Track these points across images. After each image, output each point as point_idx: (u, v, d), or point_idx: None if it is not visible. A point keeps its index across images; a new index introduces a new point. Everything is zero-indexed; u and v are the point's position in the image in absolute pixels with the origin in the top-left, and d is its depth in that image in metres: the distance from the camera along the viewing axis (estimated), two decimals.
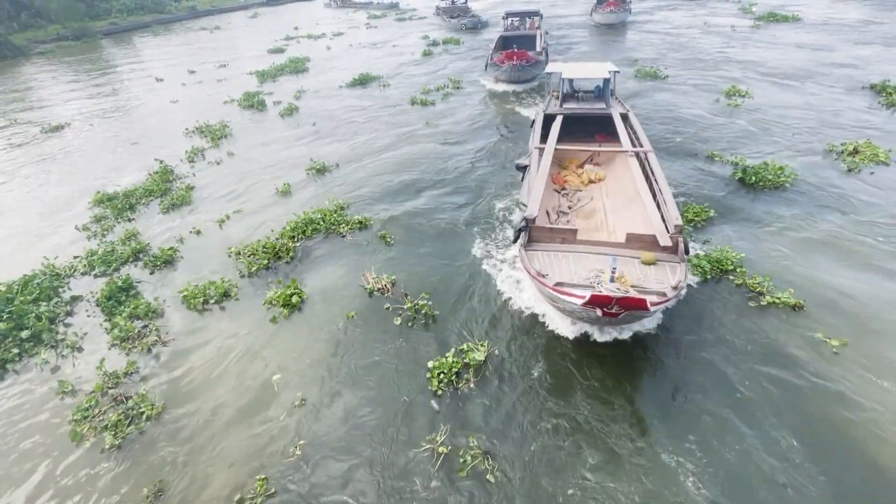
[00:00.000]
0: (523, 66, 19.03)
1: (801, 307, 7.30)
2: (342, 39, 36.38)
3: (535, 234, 7.34)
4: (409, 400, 6.42)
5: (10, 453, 6.24)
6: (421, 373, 6.77)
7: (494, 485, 5.32)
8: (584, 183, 10.45)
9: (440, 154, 14.32)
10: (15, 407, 6.95)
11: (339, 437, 6.04)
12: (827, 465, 5.25)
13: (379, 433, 6.03)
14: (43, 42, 44.46)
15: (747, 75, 18.79)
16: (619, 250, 6.98)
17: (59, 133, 19.63)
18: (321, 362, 7.18)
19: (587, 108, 12.03)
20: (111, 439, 6.16)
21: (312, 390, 6.72)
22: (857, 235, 8.97)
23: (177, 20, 58.63)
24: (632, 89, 18.22)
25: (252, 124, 18.69)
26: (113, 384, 7.03)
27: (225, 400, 6.74)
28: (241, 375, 7.12)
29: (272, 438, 6.10)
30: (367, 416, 6.27)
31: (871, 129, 13.25)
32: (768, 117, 14.75)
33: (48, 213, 12.82)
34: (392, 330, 7.64)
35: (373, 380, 6.81)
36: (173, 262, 10.10)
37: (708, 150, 12.84)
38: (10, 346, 7.85)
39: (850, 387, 6.07)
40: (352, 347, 7.41)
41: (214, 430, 6.31)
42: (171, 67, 30.68)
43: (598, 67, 12.69)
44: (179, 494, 5.57)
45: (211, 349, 7.69)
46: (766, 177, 10.84)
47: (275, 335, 7.83)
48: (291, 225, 10.53)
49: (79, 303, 9.04)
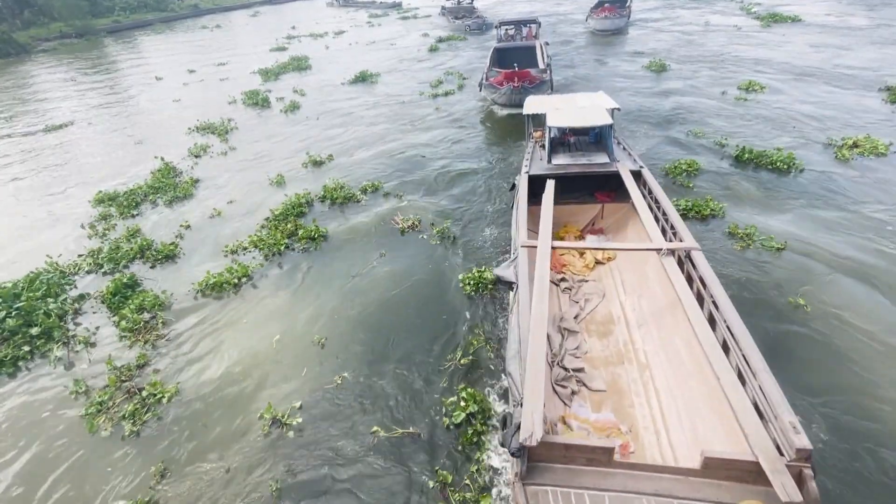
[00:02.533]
0: (525, 87, 16.10)
1: (783, 248, 8.58)
2: (345, 38, 36.43)
3: (539, 453, 3.97)
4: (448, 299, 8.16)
5: (30, 447, 6.29)
6: (454, 278, 8.59)
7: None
8: (588, 267, 8.02)
9: (451, 137, 15.48)
10: (31, 403, 7.00)
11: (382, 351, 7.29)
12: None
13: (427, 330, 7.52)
14: (46, 40, 44.55)
15: (756, 72, 18.86)
16: (689, 483, 3.77)
17: (63, 131, 19.69)
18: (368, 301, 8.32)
19: (585, 164, 8.72)
20: (130, 427, 6.30)
21: (348, 327, 7.78)
22: (837, 210, 9.82)
23: (179, 18, 58.68)
24: (639, 84, 18.32)
25: (256, 121, 18.76)
26: (127, 377, 7.11)
27: (261, 350, 7.39)
28: (285, 335, 7.79)
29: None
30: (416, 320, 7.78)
31: (887, 126, 13.22)
32: (775, 113, 14.90)
33: (51, 213, 12.85)
34: (426, 249, 9.61)
35: (413, 290, 8.47)
36: (174, 257, 10.26)
37: (708, 133, 13.76)
38: (21, 344, 7.90)
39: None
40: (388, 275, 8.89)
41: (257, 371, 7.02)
42: (175, 66, 30.74)
43: (594, 109, 9.18)
44: (214, 442, 6.02)
45: (236, 322, 8.10)
46: (761, 156, 11.79)
47: (311, 288, 8.83)
48: (316, 194, 12.07)
49: (86, 300, 9.09)
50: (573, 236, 8.74)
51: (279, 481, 5.43)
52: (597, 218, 8.96)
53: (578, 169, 8.61)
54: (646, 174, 8.18)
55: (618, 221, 8.78)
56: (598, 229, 8.88)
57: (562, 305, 7.29)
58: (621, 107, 9.56)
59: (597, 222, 8.95)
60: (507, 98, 16.49)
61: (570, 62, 23.40)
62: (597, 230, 8.88)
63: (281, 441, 5.93)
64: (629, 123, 15.10)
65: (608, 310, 7.11)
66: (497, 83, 16.88)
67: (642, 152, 12.70)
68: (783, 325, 6.91)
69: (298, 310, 8.26)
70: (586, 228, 8.95)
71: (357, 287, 8.69)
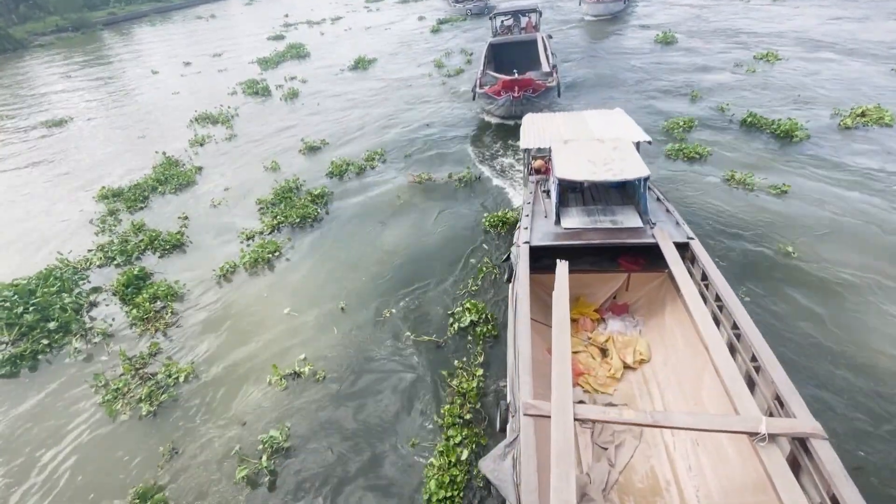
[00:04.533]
0: (529, 97, 13.25)
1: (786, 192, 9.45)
2: (343, 23, 36.02)
3: None
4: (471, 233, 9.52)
5: (56, 437, 6.51)
6: (476, 216, 9.98)
7: None
8: (612, 377, 5.67)
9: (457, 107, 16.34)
10: (53, 394, 7.20)
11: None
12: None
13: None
14: (42, 34, 44.28)
15: (766, 45, 18.63)
16: None
17: (63, 127, 19.74)
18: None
19: (608, 229, 6.24)
20: (147, 407, 6.58)
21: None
22: (828, 170, 10.22)
23: (174, 8, 58.11)
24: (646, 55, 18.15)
25: (257, 109, 18.73)
26: (141, 364, 7.34)
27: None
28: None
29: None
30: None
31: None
32: (783, 83, 14.91)
33: (57, 210, 12.96)
34: (448, 194, 11.08)
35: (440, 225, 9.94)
36: (182, 246, 10.49)
37: (713, 100, 14.33)
38: (39, 338, 8.08)
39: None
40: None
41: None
42: (172, 58, 30.58)
43: (620, 148, 6.64)
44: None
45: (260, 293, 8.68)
46: (763, 121, 12.19)
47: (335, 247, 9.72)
48: (332, 167, 12.85)
49: (99, 293, 9.25)
50: (589, 319, 6.49)
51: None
52: (620, 290, 6.62)
53: (600, 238, 6.10)
54: (695, 248, 5.67)
55: (650, 296, 6.42)
56: (622, 306, 6.61)
57: (582, 459, 4.77)
58: (646, 136, 7.29)
59: (620, 295, 6.65)
60: (507, 110, 13.89)
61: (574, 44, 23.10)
62: (620, 307, 6.61)
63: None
64: (630, 94, 15.42)
65: (650, 466, 4.64)
66: (494, 93, 13.67)
67: (648, 111, 13.51)
68: (770, 269, 7.68)
69: (339, 256, 9.40)
70: (605, 305, 6.68)
71: (381, 236, 9.82)
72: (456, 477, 5.01)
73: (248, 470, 5.50)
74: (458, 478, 5.01)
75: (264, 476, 5.51)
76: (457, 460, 5.20)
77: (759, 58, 17.10)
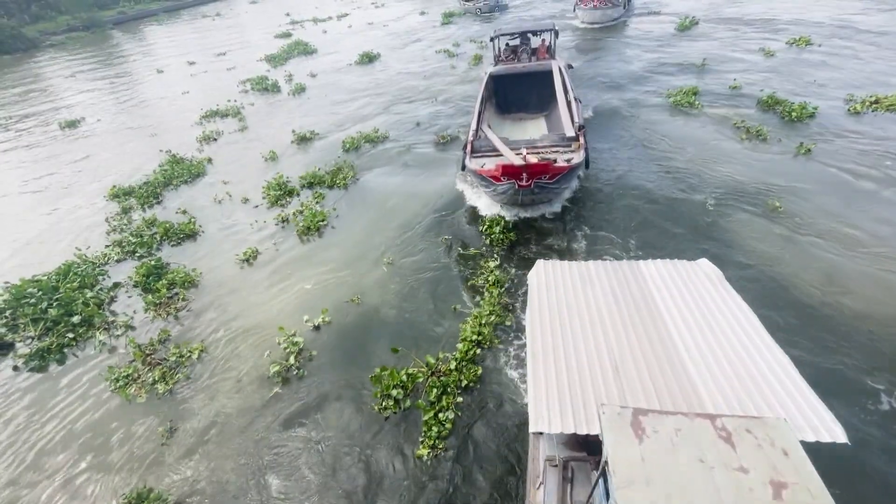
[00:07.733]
0: (544, 185, 8.74)
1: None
2: (350, 20, 36.08)
3: None
4: None
5: (88, 425, 6.87)
6: None
7: None
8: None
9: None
10: (79, 383, 7.52)
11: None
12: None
13: None
14: (54, 34, 44.81)
15: (788, 32, 18.77)
16: None
17: (76, 127, 20.02)
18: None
19: None
20: (163, 387, 7.16)
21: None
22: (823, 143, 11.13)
23: (182, 7, 58.44)
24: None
25: (267, 104, 18.97)
26: (151, 350, 7.78)
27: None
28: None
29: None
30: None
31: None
32: (803, 69, 15.25)
33: (72, 208, 13.19)
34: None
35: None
36: (194, 236, 11.01)
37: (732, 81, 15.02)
38: (64, 332, 8.36)
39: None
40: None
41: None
42: (181, 57, 30.82)
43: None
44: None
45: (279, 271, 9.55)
46: (776, 101, 12.89)
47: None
48: (349, 142, 14.50)
49: (120, 288, 9.50)
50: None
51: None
52: None
53: None
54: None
55: None
56: None
57: None
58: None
59: None
60: (511, 199, 9.30)
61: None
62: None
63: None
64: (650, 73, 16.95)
65: None
66: (492, 177, 8.89)
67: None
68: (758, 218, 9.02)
69: (386, 205, 11.19)
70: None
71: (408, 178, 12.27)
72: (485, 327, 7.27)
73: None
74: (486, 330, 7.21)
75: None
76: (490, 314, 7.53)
77: (792, 42, 17.62)
